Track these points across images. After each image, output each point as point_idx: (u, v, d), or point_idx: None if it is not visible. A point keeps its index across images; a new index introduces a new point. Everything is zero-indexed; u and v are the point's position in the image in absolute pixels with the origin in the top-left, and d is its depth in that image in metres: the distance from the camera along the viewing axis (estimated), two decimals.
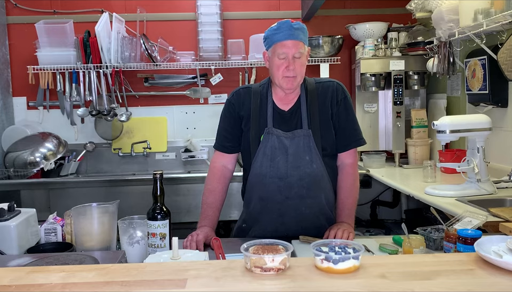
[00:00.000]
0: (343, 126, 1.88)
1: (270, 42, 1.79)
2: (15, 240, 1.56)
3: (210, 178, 1.94)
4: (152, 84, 3.79)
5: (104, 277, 1.13)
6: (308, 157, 1.81)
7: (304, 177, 1.80)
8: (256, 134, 1.85)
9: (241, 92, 1.93)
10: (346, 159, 1.91)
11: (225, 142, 1.94)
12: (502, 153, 2.67)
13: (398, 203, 3.71)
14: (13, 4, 3.70)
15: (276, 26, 1.78)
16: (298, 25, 1.77)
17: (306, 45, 1.80)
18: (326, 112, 1.85)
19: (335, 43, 3.62)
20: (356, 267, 1.12)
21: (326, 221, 1.88)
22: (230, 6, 3.76)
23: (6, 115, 3.68)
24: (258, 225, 1.87)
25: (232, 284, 1.07)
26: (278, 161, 1.81)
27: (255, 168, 1.84)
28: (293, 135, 1.82)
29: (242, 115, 1.89)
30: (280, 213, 1.84)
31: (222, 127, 1.96)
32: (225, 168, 1.95)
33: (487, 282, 1.06)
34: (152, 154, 3.81)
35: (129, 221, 1.58)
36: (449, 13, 2.70)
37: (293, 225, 1.82)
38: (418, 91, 3.61)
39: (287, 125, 1.84)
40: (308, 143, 1.81)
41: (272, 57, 1.79)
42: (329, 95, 1.87)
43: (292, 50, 1.75)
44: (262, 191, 1.85)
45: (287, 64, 1.75)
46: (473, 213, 1.63)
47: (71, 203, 1.74)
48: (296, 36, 1.75)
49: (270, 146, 1.81)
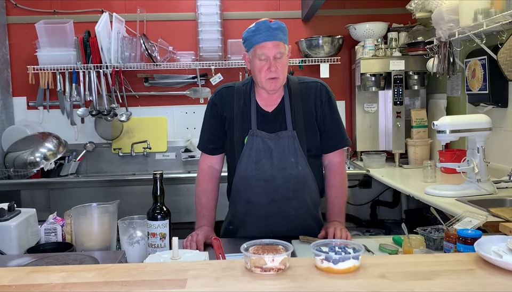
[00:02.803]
0: (329, 126, 1.86)
1: (249, 44, 1.76)
2: (15, 240, 1.56)
3: (200, 179, 1.92)
4: (152, 84, 3.79)
5: (104, 277, 1.13)
6: (293, 159, 1.79)
7: (290, 179, 1.79)
8: (240, 136, 1.82)
9: (224, 92, 1.90)
10: (334, 158, 1.90)
11: (210, 144, 1.91)
12: (502, 153, 2.67)
13: (398, 203, 3.71)
14: (13, 4, 3.71)
15: (253, 27, 1.75)
16: (276, 24, 1.74)
17: (286, 44, 1.78)
18: (310, 113, 1.83)
19: (335, 43, 3.62)
20: (356, 267, 1.12)
21: (313, 221, 1.88)
22: (230, 6, 3.76)
23: (6, 115, 3.68)
24: (245, 227, 1.86)
25: (232, 284, 1.07)
26: (263, 164, 1.78)
27: (240, 171, 1.81)
28: (277, 137, 1.79)
29: (225, 116, 1.86)
30: (266, 216, 1.82)
31: (206, 128, 1.92)
32: (213, 168, 1.93)
33: (487, 282, 1.06)
34: (152, 154, 3.81)
35: (129, 221, 1.58)
36: (449, 13, 2.70)
37: (279, 227, 1.81)
38: (418, 91, 3.61)
39: (271, 126, 1.81)
40: (292, 144, 1.79)
41: (253, 59, 1.77)
42: (312, 95, 1.85)
43: (272, 51, 1.72)
44: (247, 193, 1.83)
45: (268, 65, 1.73)
46: (473, 213, 1.63)
47: (71, 203, 1.74)
48: (275, 36, 1.72)
49: (254, 149, 1.79)
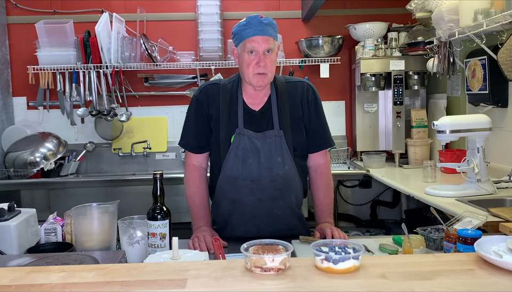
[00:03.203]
0: (315, 126, 1.86)
1: (239, 38, 1.75)
2: (15, 240, 1.56)
3: (190, 180, 1.88)
4: (152, 84, 3.79)
5: (104, 277, 1.13)
6: (280, 158, 1.78)
7: (277, 179, 1.78)
8: (226, 134, 1.80)
9: (209, 89, 1.86)
10: (319, 159, 1.90)
11: (194, 142, 1.87)
12: (502, 153, 2.67)
13: (398, 203, 3.71)
14: (13, 4, 3.70)
15: (244, 21, 1.75)
16: (267, 20, 1.74)
17: (276, 41, 1.77)
18: (296, 112, 1.83)
19: (335, 43, 3.62)
20: (356, 267, 1.12)
21: (297, 220, 1.88)
22: (230, 6, 3.76)
23: (6, 115, 3.67)
24: (230, 226, 1.84)
25: (232, 284, 1.07)
26: (250, 163, 1.77)
27: (226, 170, 1.79)
28: (264, 136, 1.78)
29: (211, 114, 1.83)
30: (252, 215, 1.81)
31: (191, 126, 1.88)
32: (201, 167, 1.90)
33: (487, 282, 1.06)
34: (152, 154, 3.82)
35: (129, 221, 1.58)
36: (449, 13, 2.70)
37: (265, 226, 1.80)
38: (418, 91, 3.61)
39: (258, 126, 1.80)
40: (279, 144, 1.78)
41: (242, 54, 1.75)
42: (299, 94, 1.84)
43: (262, 46, 1.71)
44: (233, 193, 1.81)
45: (257, 60, 1.72)
46: (473, 213, 1.63)
47: (71, 203, 1.74)
48: (265, 31, 1.72)
49: (241, 148, 1.77)
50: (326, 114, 1.93)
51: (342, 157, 3.62)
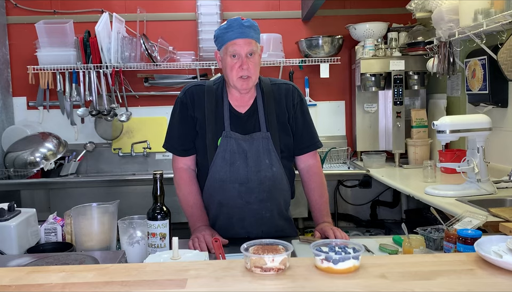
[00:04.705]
0: (301, 128, 1.86)
1: (221, 41, 1.75)
2: (15, 240, 1.56)
3: (181, 183, 1.87)
4: (152, 84, 3.79)
5: (104, 277, 1.13)
6: (268, 160, 1.77)
7: (265, 181, 1.78)
8: (213, 137, 1.79)
9: (194, 90, 1.84)
10: (310, 160, 1.90)
11: (179, 145, 1.86)
12: (502, 153, 2.67)
13: (398, 203, 3.71)
14: (13, 4, 3.70)
15: (225, 24, 1.74)
16: (248, 22, 1.73)
17: (258, 43, 1.77)
18: (283, 114, 1.83)
19: (335, 43, 3.62)
20: (356, 267, 1.12)
21: (285, 222, 1.87)
22: (230, 6, 3.76)
23: (6, 115, 3.68)
24: (218, 229, 1.82)
25: (232, 284, 1.07)
26: (238, 166, 1.76)
27: (214, 173, 1.78)
28: (251, 138, 1.77)
29: (196, 117, 1.81)
30: (240, 218, 1.80)
31: (176, 128, 1.85)
32: (189, 169, 1.88)
33: (487, 282, 1.06)
34: (152, 154, 3.82)
35: (129, 221, 1.58)
36: (449, 13, 2.70)
37: (253, 229, 1.80)
38: (418, 91, 3.61)
39: (244, 128, 1.79)
40: (266, 146, 1.78)
41: (225, 57, 1.75)
42: (284, 97, 1.84)
43: (244, 49, 1.71)
44: (221, 196, 1.80)
45: (240, 63, 1.72)
46: (473, 213, 1.63)
47: (71, 203, 1.74)
48: (247, 34, 1.71)
49: (229, 150, 1.76)
50: (326, 114, 1.94)
51: (342, 157, 3.62)
